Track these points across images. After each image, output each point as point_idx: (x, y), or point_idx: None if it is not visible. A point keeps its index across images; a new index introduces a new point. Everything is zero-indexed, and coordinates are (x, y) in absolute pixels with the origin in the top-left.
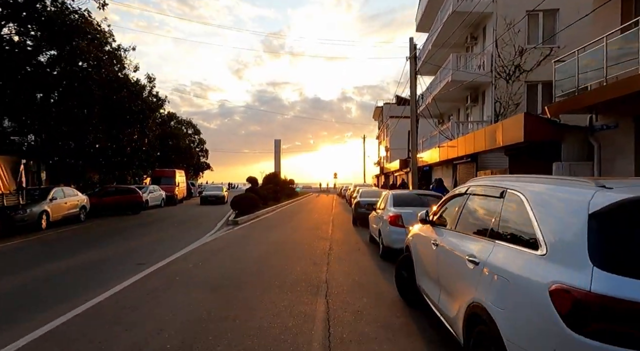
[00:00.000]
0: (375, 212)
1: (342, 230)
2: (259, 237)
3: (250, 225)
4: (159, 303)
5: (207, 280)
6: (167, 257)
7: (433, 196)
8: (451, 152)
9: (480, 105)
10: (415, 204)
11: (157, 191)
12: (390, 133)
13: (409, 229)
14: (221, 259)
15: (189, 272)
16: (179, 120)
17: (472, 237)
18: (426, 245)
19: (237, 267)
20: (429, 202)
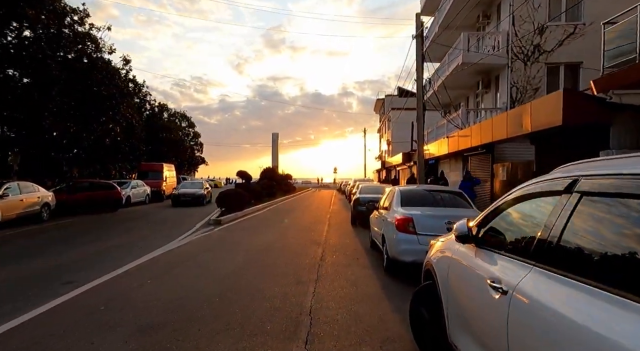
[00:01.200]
0: (377, 212)
1: (339, 232)
2: (239, 242)
3: (235, 225)
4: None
5: (143, 311)
6: (112, 270)
7: (452, 193)
8: (462, 142)
9: (493, 91)
10: (429, 203)
11: (140, 186)
12: (392, 126)
13: (430, 243)
14: (179, 275)
15: (126, 296)
16: (172, 113)
17: (609, 294)
18: (474, 284)
19: (195, 289)
20: (448, 202)
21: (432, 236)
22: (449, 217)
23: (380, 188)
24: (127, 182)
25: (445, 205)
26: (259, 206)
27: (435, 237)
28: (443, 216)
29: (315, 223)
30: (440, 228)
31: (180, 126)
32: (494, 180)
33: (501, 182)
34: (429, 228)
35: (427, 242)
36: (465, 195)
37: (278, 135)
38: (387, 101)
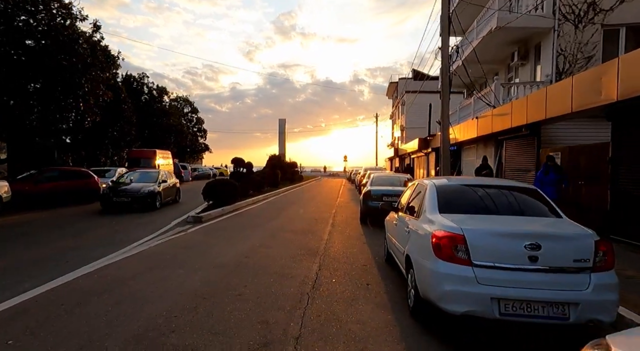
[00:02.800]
0: (396, 215)
1: (345, 235)
2: (207, 252)
3: (216, 224)
4: None
5: None
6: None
7: (520, 191)
8: (498, 122)
9: (531, 63)
10: (486, 208)
11: None
12: (407, 111)
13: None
14: (88, 317)
15: None
16: (174, 97)
17: None
18: None
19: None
20: (518, 206)
21: (501, 269)
22: (530, 236)
23: (396, 179)
24: (111, 170)
25: (514, 211)
26: (257, 197)
27: (505, 270)
28: (518, 233)
29: (316, 221)
30: (516, 255)
31: (183, 111)
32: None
33: None
34: (495, 254)
35: (492, 279)
36: (543, 195)
37: (285, 122)
38: (401, 84)
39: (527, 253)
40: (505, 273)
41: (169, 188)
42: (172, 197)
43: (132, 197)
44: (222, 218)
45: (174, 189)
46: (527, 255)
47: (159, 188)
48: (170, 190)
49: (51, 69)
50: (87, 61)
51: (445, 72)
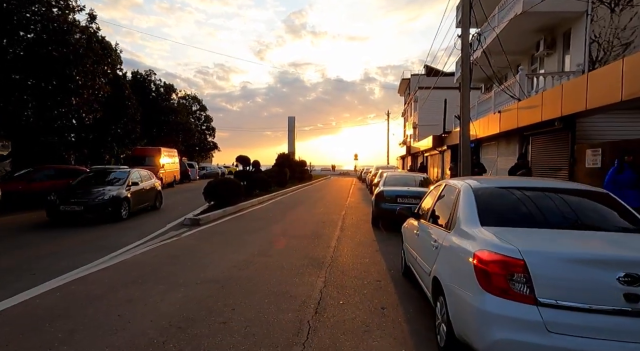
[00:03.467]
0: (415, 222)
1: (355, 241)
2: (202, 260)
3: (215, 227)
4: None
5: None
6: None
7: (585, 195)
8: (525, 116)
9: (559, 52)
10: (542, 220)
11: None
12: (419, 108)
13: None
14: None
15: None
16: (182, 95)
17: None
18: None
19: None
20: (588, 217)
21: (583, 312)
22: (625, 263)
23: (411, 179)
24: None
25: (584, 225)
26: (263, 197)
27: (589, 314)
28: (606, 259)
29: (324, 224)
30: (605, 290)
31: (191, 109)
32: (576, 167)
33: (590, 170)
34: (571, 289)
35: (569, 326)
36: (620, 201)
37: (294, 119)
38: (414, 81)
39: (622, 289)
40: (590, 318)
41: (144, 193)
42: (149, 203)
43: (85, 204)
44: (222, 220)
45: (153, 193)
46: (623, 291)
47: (127, 193)
48: (146, 194)
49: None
50: (79, 52)
51: (466, 62)
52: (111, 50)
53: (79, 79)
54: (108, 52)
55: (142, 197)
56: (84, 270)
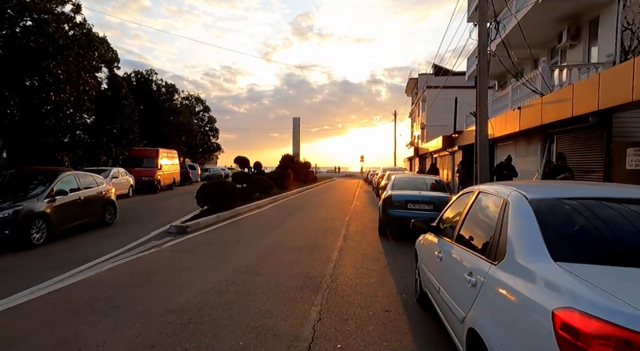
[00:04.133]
0: (435, 239)
1: (360, 254)
2: (177, 279)
3: (204, 236)
4: None
5: None
6: None
7: None
8: (551, 112)
9: (585, 42)
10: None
11: (123, 176)
12: (428, 107)
13: None
14: None
15: None
16: (185, 95)
17: None
18: None
19: None
20: None
21: None
22: None
23: (421, 181)
24: (107, 170)
25: None
26: (263, 201)
27: None
28: None
29: (325, 232)
30: None
31: (194, 110)
32: (612, 169)
33: (631, 172)
34: None
35: None
36: None
37: (300, 120)
38: (421, 81)
39: None
40: None
41: (82, 205)
42: (91, 218)
43: None
44: (213, 227)
45: (98, 204)
46: None
47: (45, 207)
48: (86, 206)
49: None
50: (59, 43)
51: (483, 53)
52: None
53: (60, 73)
54: (95, 45)
55: (78, 211)
56: (30, 293)
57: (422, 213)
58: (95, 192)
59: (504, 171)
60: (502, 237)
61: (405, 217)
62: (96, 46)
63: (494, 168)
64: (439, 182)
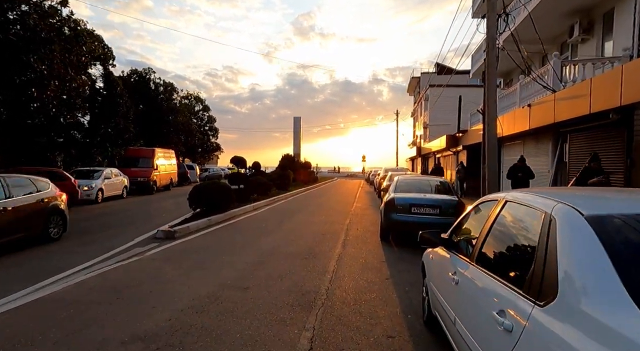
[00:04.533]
0: (447, 254)
1: (359, 263)
2: (151, 296)
3: (193, 241)
4: None
5: None
6: None
7: None
8: (565, 109)
9: (597, 37)
10: None
11: (116, 176)
12: (430, 107)
13: None
14: None
15: None
16: (184, 95)
17: None
18: None
19: None
20: None
21: None
22: None
23: (426, 183)
24: (100, 171)
25: None
26: (260, 203)
27: None
28: None
29: (323, 236)
30: None
31: (193, 109)
32: (634, 170)
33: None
34: None
35: None
36: None
37: (300, 120)
38: (424, 80)
39: None
40: None
41: (13, 215)
42: (26, 233)
43: None
44: (204, 232)
45: (39, 215)
46: None
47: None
48: (19, 218)
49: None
50: (41, 36)
51: (492, 46)
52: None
53: (44, 68)
54: (82, 39)
55: (7, 224)
56: None
57: (428, 217)
58: (33, 199)
59: (518, 173)
60: (549, 267)
61: (409, 221)
62: (84, 41)
63: (509, 172)
64: (445, 184)
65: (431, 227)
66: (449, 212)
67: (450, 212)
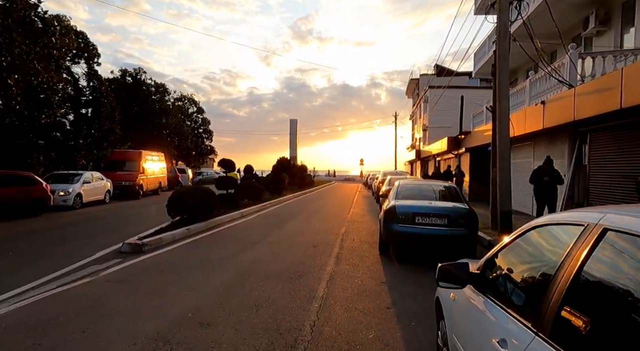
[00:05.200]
0: (482, 299)
1: (354, 286)
2: (81, 343)
3: (162, 256)
4: None
5: None
6: None
7: None
8: (588, 105)
9: (616, 28)
10: None
11: (97, 180)
12: (430, 108)
13: None
14: None
15: None
16: (177, 97)
17: None
18: None
19: None
20: None
21: None
22: None
23: (429, 189)
24: (79, 175)
25: None
26: (250, 209)
27: None
28: None
29: (315, 249)
30: None
31: (187, 111)
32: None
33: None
34: None
35: None
36: None
37: (297, 122)
38: (423, 81)
39: None
40: None
41: None
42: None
43: None
44: (179, 244)
45: None
46: None
47: None
48: None
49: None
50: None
51: (504, 35)
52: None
53: (2, 60)
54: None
55: None
56: None
57: (434, 229)
58: None
59: (544, 177)
60: None
61: (413, 233)
62: (52, 32)
63: (532, 175)
64: (451, 190)
65: (438, 239)
66: (459, 222)
67: (460, 222)
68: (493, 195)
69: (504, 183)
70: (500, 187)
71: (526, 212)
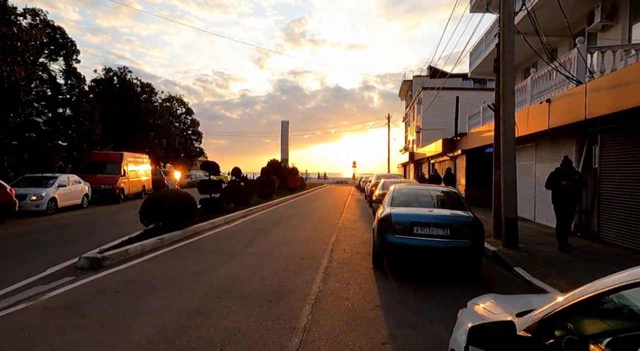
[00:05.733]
0: None
1: (343, 310)
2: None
3: (126, 272)
4: None
5: None
6: None
7: None
8: (602, 102)
9: (624, 22)
10: None
11: (74, 184)
12: (424, 110)
13: None
14: None
15: None
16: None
17: None
18: None
19: None
20: None
21: None
22: None
23: (426, 194)
24: (54, 178)
25: None
26: (235, 214)
27: None
28: None
29: (301, 261)
30: None
31: (176, 113)
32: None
33: None
34: None
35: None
36: None
37: (288, 124)
38: (416, 83)
39: None
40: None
41: None
42: None
43: None
44: (147, 256)
45: None
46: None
47: None
48: None
49: None
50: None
51: (509, 25)
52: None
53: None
54: (10, 19)
55: None
56: None
57: (435, 241)
58: None
59: (562, 181)
60: None
61: (411, 246)
62: (13, 21)
63: (549, 179)
64: (452, 195)
65: (440, 252)
66: (463, 233)
67: (464, 233)
68: (496, 200)
69: (510, 188)
70: (505, 191)
71: (527, 218)
